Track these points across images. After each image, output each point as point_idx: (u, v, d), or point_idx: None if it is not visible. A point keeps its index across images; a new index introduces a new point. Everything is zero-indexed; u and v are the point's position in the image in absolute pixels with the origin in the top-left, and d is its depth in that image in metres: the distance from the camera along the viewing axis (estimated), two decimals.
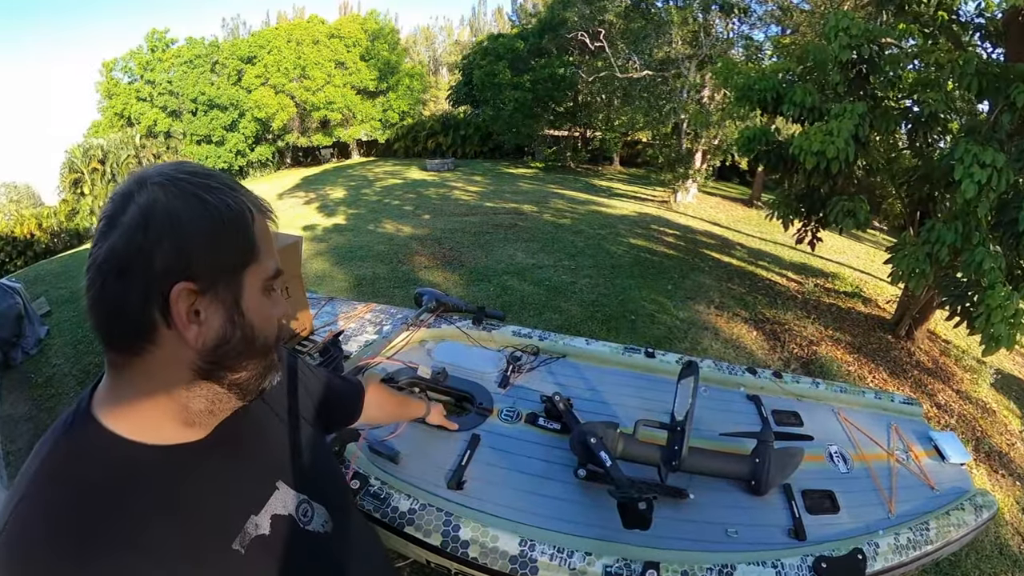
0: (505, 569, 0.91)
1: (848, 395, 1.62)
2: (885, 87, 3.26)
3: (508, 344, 1.65)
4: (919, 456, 1.49)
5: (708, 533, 1.04)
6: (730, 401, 1.49)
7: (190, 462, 0.50)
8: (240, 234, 0.47)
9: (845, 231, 3.49)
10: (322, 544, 0.61)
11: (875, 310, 5.30)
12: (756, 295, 5.23)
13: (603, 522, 1.01)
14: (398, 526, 0.96)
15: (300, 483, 0.60)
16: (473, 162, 16.76)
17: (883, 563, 1.08)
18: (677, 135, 10.26)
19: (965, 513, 1.27)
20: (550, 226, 7.54)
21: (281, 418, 0.64)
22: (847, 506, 1.21)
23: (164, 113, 17.96)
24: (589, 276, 5.29)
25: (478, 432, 1.22)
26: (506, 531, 0.95)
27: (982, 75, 2.67)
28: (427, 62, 28.80)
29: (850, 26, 2.86)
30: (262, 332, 0.50)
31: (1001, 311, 2.44)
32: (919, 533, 1.18)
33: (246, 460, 0.56)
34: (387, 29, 19.96)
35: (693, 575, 0.91)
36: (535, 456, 1.18)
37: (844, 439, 1.45)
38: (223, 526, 0.51)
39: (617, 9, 11.51)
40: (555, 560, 0.91)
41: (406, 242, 6.49)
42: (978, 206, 2.43)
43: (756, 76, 3.63)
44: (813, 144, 2.78)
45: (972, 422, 3.46)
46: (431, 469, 1.11)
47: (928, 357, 4.36)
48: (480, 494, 1.06)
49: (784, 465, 1.14)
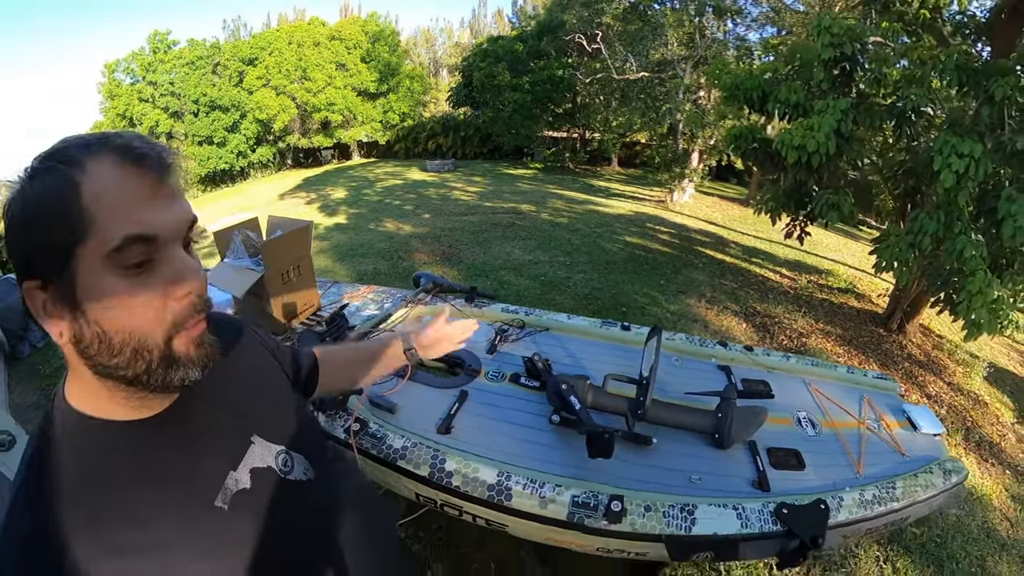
0: (483, 496, 0.99)
1: (820, 368, 1.67)
2: (870, 84, 3.35)
3: (497, 319, 1.76)
4: (891, 425, 1.48)
5: (672, 478, 1.10)
6: (701, 370, 1.55)
7: (157, 433, 0.49)
8: (54, 205, 0.39)
9: (831, 225, 3.56)
10: (306, 491, 0.61)
11: (868, 305, 5.36)
12: (748, 290, 5.29)
13: (574, 462, 1.09)
14: (392, 460, 1.05)
15: (276, 435, 0.60)
16: (473, 163, 16.86)
17: (847, 515, 1.10)
18: (673, 135, 10.35)
19: (933, 476, 1.28)
20: (547, 225, 7.62)
21: (248, 374, 0.63)
22: (813, 465, 1.24)
23: (166, 114, 18.06)
24: (584, 271, 5.36)
25: (467, 389, 1.33)
26: (486, 464, 1.03)
27: (962, 70, 2.75)
28: (427, 64, 28.96)
29: (832, 25, 2.97)
30: (116, 326, 0.41)
31: (982, 296, 2.50)
32: (885, 491, 1.19)
33: (216, 421, 0.55)
34: (387, 31, 20.10)
35: (656, 508, 0.97)
36: (516, 409, 1.27)
37: (814, 407, 1.48)
38: (202, 486, 0.51)
39: (615, 11, 11.63)
40: (528, 489, 0.99)
41: (406, 240, 6.58)
42: (958, 195, 2.50)
43: (743, 75, 3.72)
44: (795, 139, 2.87)
45: (963, 412, 3.49)
46: (423, 418, 1.21)
47: (920, 350, 4.40)
48: (465, 438, 1.16)
49: (747, 423, 1.20)
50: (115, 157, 0.40)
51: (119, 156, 0.40)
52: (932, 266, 2.98)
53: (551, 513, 0.97)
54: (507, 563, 1.82)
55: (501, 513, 0.99)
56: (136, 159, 0.41)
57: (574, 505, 0.97)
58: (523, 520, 0.98)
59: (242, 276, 1.48)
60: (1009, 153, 2.48)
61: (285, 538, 0.56)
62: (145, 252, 0.41)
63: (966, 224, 2.71)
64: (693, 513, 0.98)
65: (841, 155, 3.11)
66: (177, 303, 0.44)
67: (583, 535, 0.97)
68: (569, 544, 1.01)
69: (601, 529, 0.95)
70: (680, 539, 0.95)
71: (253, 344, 0.69)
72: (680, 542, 0.95)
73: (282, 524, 0.55)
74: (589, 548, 1.00)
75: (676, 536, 0.94)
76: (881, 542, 2.16)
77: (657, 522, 0.96)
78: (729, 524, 0.99)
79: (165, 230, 0.42)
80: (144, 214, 0.41)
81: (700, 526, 0.97)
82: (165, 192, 0.43)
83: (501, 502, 0.98)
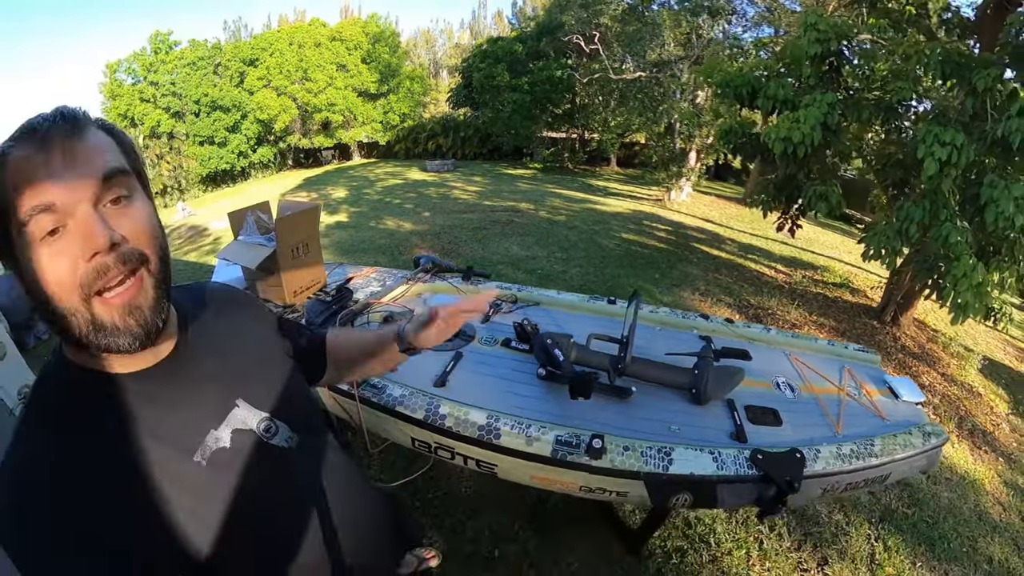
0: (474, 435, 1.06)
1: (801, 340, 1.72)
2: (857, 79, 3.44)
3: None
4: (871, 393, 1.47)
5: (651, 427, 1.16)
6: (682, 339, 1.61)
7: (145, 387, 0.52)
8: None
9: (820, 216, 3.63)
10: (286, 457, 0.62)
11: (862, 299, 5.42)
12: (742, 284, 5.36)
13: (558, 411, 1.17)
14: (390, 406, 1.13)
15: (262, 402, 0.62)
16: (472, 163, 16.96)
17: (823, 466, 1.11)
18: (671, 135, 10.44)
19: (913, 437, 1.27)
20: (545, 222, 7.69)
21: (242, 341, 0.66)
22: (792, 424, 1.27)
23: (167, 114, 18.17)
24: (580, 266, 5.43)
25: (462, 351, 1.41)
26: (476, 409, 1.11)
27: (946, 63, 2.83)
28: (427, 65, 29.11)
29: (818, 22, 3.07)
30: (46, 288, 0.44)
31: (967, 280, 2.57)
32: (863, 447, 1.19)
33: (203, 382, 0.57)
34: (388, 32, 20.24)
35: (635, 449, 1.04)
36: (506, 367, 1.35)
37: (793, 374, 1.52)
38: (183, 440, 0.53)
39: (613, 13, 11.75)
40: (515, 429, 1.06)
41: (407, 236, 6.65)
42: (941, 183, 2.57)
43: (734, 73, 3.81)
44: (781, 131, 2.95)
45: (956, 402, 3.52)
46: (421, 375, 1.28)
47: (914, 343, 4.45)
48: (459, 389, 1.24)
49: (724, 381, 1.26)
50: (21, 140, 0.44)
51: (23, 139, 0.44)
52: (920, 253, 3.05)
53: (536, 450, 1.03)
54: (501, 533, 1.88)
55: (490, 452, 1.06)
56: (30, 136, 0.44)
57: (557, 443, 1.04)
58: (511, 458, 1.04)
59: (255, 251, 1.57)
60: (991, 141, 2.56)
61: (263, 500, 0.58)
62: (53, 219, 0.43)
63: (952, 212, 2.78)
64: (670, 454, 1.04)
65: (828, 147, 3.19)
66: (85, 263, 0.44)
67: (566, 471, 1.03)
68: (554, 485, 1.07)
69: (583, 464, 1.01)
70: (658, 476, 1.00)
71: (255, 314, 0.72)
72: (658, 480, 1.01)
73: (260, 486, 0.57)
74: (573, 488, 1.06)
75: (654, 474, 1.00)
76: (872, 520, 2.19)
77: (635, 461, 1.02)
78: (705, 465, 1.04)
79: (62, 196, 0.43)
80: (40, 186, 0.42)
81: (677, 466, 1.03)
82: (70, 155, 0.44)
83: (490, 440, 1.05)
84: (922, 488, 2.52)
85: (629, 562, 1.80)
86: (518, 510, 1.98)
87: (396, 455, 2.26)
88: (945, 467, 2.79)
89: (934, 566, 2.04)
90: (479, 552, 1.81)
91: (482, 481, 2.12)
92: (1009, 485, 2.82)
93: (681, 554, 1.87)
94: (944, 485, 2.62)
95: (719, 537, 1.96)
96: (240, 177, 19.57)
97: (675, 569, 1.81)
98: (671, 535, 1.95)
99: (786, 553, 1.96)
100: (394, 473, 2.13)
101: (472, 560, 1.79)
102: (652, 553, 1.86)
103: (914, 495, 2.44)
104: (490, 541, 1.85)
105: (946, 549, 2.15)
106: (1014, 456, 3.14)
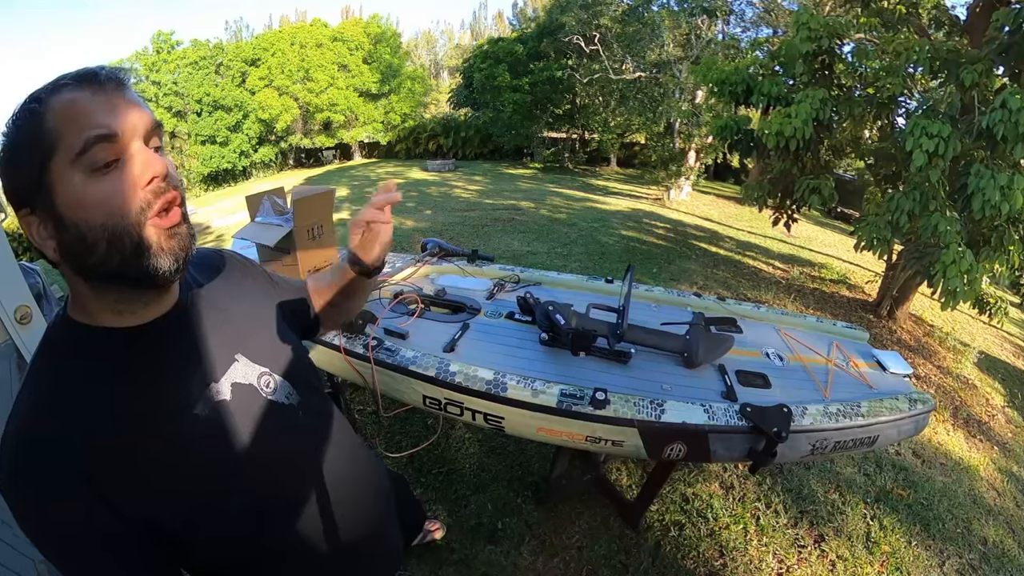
0: (482, 388, 1.14)
1: (790, 317, 1.79)
2: (849, 77, 3.53)
3: (495, 276, 1.94)
4: (859, 365, 1.51)
5: (647, 387, 1.24)
6: (677, 315, 1.69)
7: (146, 342, 0.54)
8: (26, 136, 0.45)
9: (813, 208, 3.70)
10: (287, 412, 0.64)
11: (859, 294, 5.48)
12: (740, 279, 5.44)
13: (561, 371, 1.25)
14: (404, 365, 1.21)
15: (260, 357, 0.63)
16: (473, 163, 17.05)
17: (810, 421, 1.15)
18: (670, 134, 10.53)
19: (899, 403, 1.30)
20: (546, 220, 7.77)
21: (238, 298, 0.67)
22: (780, 387, 1.33)
23: (169, 113, 18.25)
24: (579, 261, 5.51)
25: (468, 323, 1.50)
26: (484, 367, 1.20)
27: (935, 59, 2.91)
28: (428, 65, 29.26)
29: (810, 20, 3.16)
30: (98, 216, 0.46)
31: (956, 266, 2.64)
32: (850, 408, 1.22)
33: (202, 337, 0.59)
34: (389, 33, 20.35)
35: (634, 402, 1.12)
36: (511, 335, 1.44)
37: (782, 346, 1.59)
38: (183, 393, 0.55)
39: (613, 14, 11.85)
40: (521, 384, 1.14)
41: (409, 233, 6.72)
42: (930, 173, 2.66)
43: (729, 71, 3.89)
44: (773, 126, 3.05)
45: (952, 393, 3.56)
46: (431, 342, 1.37)
47: (911, 336, 4.49)
48: (467, 354, 1.32)
49: (714, 346, 1.33)
50: (73, 82, 0.46)
51: (76, 80, 0.46)
52: (910, 243, 3.13)
53: (542, 401, 1.11)
54: (504, 507, 1.95)
55: (498, 404, 1.13)
56: (90, 77, 0.47)
57: (563, 396, 1.11)
58: (518, 410, 1.12)
59: (273, 230, 1.65)
60: (977, 133, 2.64)
61: (263, 453, 0.59)
62: (111, 151, 0.45)
63: (941, 202, 2.86)
64: (663, 406, 1.12)
65: (821, 141, 3.28)
66: (143, 191, 0.48)
67: (571, 420, 1.10)
68: (559, 436, 1.15)
69: (587, 414, 1.08)
70: (651, 424, 1.08)
71: (250, 272, 0.73)
72: (651, 427, 1.08)
73: (259, 439, 0.59)
74: (579, 439, 1.14)
75: (648, 422, 1.08)
76: (868, 500, 2.24)
77: (630, 411, 1.10)
78: (697, 416, 1.11)
79: (124, 129, 0.46)
80: (102, 118, 0.45)
81: (669, 415, 1.10)
82: (122, 101, 0.48)
83: (498, 394, 1.12)
84: (917, 471, 2.56)
85: (628, 535, 1.87)
86: (520, 486, 2.05)
87: (403, 434, 2.33)
88: (940, 452, 2.84)
89: (929, 545, 2.08)
90: (483, 524, 1.88)
91: (486, 459, 2.19)
92: (1004, 472, 2.86)
93: (679, 527, 1.93)
94: (939, 469, 2.66)
95: (716, 512, 2.02)
96: (242, 176, 19.65)
97: (673, 542, 1.88)
98: (669, 509, 2.01)
99: (783, 529, 2.00)
100: (400, 448, 2.20)
101: (476, 532, 1.85)
102: (651, 526, 1.92)
103: (909, 478, 2.48)
104: (493, 514, 1.92)
105: (941, 529, 2.18)
106: (1009, 445, 3.17)
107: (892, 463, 2.55)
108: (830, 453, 1.26)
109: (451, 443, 2.29)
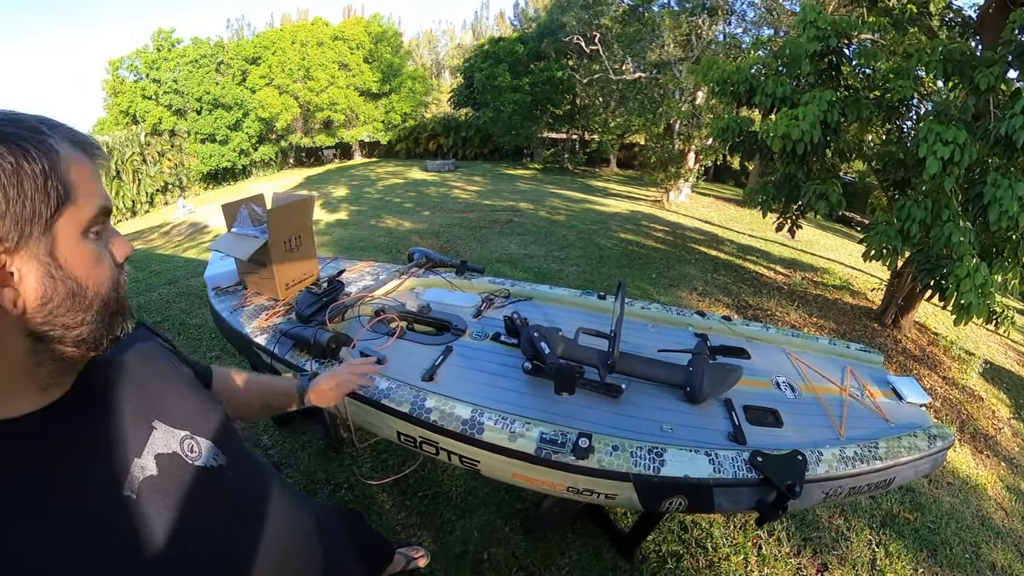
0: (458, 429, 1.03)
1: (801, 339, 1.67)
2: (856, 77, 3.40)
3: (485, 290, 1.81)
4: (874, 394, 1.42)
5: (643, 427, 1.11)
6: (677, 337, 1.56)
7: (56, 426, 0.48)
8: (42, 179, 0.42)
9: (820, 214, 3.59)
10: (216, 476, 0.60)
11: (863, 302, 5.38)
12: (741, 285, 5.32)
13: (544, 407, 1.12)
14: (377, 399, 1.10)
15: (178, 420, 0.59)
16: (473, 163, 16.96)
17: (827, 469, 1.06)
18: (670, 135, 10.42)
19: (918, 440, 1.23)
20: (544, 222, 7.67)
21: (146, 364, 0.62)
22: (793, 425, 1.21)
23: (169, 111, 18.14)
24: (577, 264, 5.40)
25: (452, 345, 1.37)
26: (462, 404, 1.08)
27: (948, 61, 2.79)
28: (429, 65, 29.17)
29: (816, 19, 3.03)
30: (91, 280, 0.46)
31: (970, 280, 2.52)
32: (867, 450, 1.14)
33: (116, 408, 0.54)
34: (390, 32, 20.25)
35: (624, 449, 0.99)
36: (494, 362, 1.31)
37: (794, 373, 1.47)
38: (108, 476, 0.50)
39: (614, 14, 11.75)
40: (499, 424, 1.02)
41: (406, 235, 6.63)
42: (944, 182, 2.53)
43: (731, 70, 3.76)
44: (779, 128, 2.91)
45: (957, 406, 3.49)
46: (410, 369, 1.25)
47: (915, 345, 4.40)
48: (446, 384, 1.20)
49: (720, 379, 1.20)
50: (70, 141, 0.46)
51: (73, 141, 0.46)
52: (921, 253, 3.01)
53: (520, 447, 0.99)
54: (491, 535, 1.83)
55: (473, 447, 1.02)
56: (87, 146, 0.48)
57: (542, 441, 0.99)
58: (493, 454, 1.00)
59: (247, 242, 1.54)
60: (994, 140, 2.51)
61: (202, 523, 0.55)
62: (103, 221, 0.49)
63: (954, 211, 2.74)
64: (662, 455, 0.99)
65: (828, 145, 3.15)
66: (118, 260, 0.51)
67: (550, 471, 0.98)
68: (540, 485, 1.03)
69: (568, 464, 0.96)
70: (649, 479, 0.95)
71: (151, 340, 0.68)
72: (649, 482, 0.96)
73: (197, 509, 0.55)
74: (560, 488, 1.01)
75: (644, 475, 0.95)
76: (873, 526, 2.15)
77: (624, 461, 0.97)
78: (701, 468, 0.98)
79: (110, 205, 0.50)
80: (102, 191, 0.48)
81: (669, 467, 0.97)
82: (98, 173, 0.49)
83: (473, 435, 1.01)
84: (924, 493, 2.48)
85: (622, 567, 1.76)
86: (509, 512, 1.94)
87: (389, 453, 2.22)
88: (947, 471, 2.74)
89: (936, 572, 2.00)
90: (468, 552, 1.77)
91: (473, 481, 2.08)
92: (1011, 490, 2.78)
93: (677, 559, 1.83)
94: (946, 489, 2.58)
95: (716, 542, 1.92)
96: (241, 175, 19.56)
97: (670, 574, 1.77)
98: (666, 539, 1.90)
99: (785, 559, 1.91)
100: (385, 471, 2.09)
101: (461, 561, 1.74)
102: (646, 557, 1.81)
103: (916, 500, 2.40)
104: (479, 542, 1.81)
105: (948, 555, 2.10)
106: (1016, 461, 3.10)
107: (901, 485, 2.45)
108: (843, 499, 1.15)
109: (437, 464, 2.18)
